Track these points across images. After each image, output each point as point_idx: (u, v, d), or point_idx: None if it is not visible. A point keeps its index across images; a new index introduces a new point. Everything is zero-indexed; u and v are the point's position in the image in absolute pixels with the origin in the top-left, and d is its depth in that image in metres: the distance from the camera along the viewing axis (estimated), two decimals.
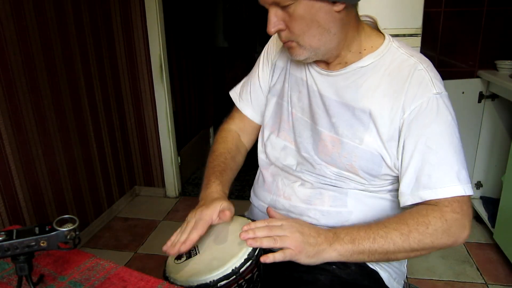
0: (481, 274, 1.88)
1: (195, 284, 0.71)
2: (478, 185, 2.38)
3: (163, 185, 2.76)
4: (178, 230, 0.81)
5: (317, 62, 0.89)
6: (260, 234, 0.73)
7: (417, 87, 0.77)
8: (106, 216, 2.43)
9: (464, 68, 2.33)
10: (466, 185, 0.75)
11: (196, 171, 3.20)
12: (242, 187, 2.84)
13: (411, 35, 1.84)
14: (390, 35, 0.87)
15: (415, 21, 1.83)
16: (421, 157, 0.76)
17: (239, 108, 1.08)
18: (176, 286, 0.71)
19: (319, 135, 0.87)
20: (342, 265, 0.86)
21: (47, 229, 0.67)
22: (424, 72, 0.78)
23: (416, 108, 0.77)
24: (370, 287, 0.86)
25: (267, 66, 1.01)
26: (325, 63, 0.88)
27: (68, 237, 0.67)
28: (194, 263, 0.76)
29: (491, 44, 2.27)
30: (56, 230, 0.67)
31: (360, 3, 0.79)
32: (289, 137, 0.93)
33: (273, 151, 0.96)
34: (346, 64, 0.85)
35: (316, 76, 0.89)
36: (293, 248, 0.72)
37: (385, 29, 0.87)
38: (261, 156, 1.01)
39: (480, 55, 2.29)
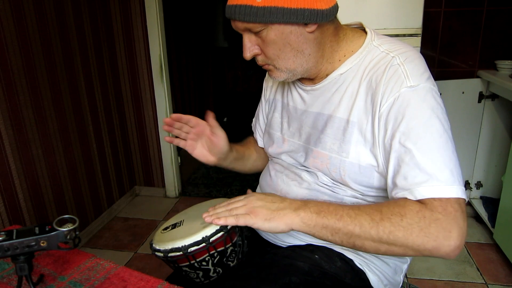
0: (481, 274, 1.88)
1: (169, 247, 0.77)
2: (478, 185, 2.38)
3: (163, 185, 2.76)
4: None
5: (301, 79, 0.89)
6: (219, 210, 0.75)
7: (389, 83, 0.73)
8: (106, 216, 2.43)
9: (464, 68, 2.33)
10: (450, 186, 0.66)
11: (196, 171, 3.20)
12: (242, 187, 2.84)
13: (411, 35, 1.84)
14: (385, 34, 0.85)
15: (415, 21, 1.83)
16: (397, 156, 0.71)
17: (254, 138, 1.17)
18: (176, 286, 0.72)
19: (310, 153, 0.87)
20: (326, 258, 0.84)
21: (47, 229, 0.67)
22: (398, 66, 0.74)
23: (389, 104, 0.72)
24: (351, 285, 0.83)
25: (265, 102, 1.08)
26: (308, 78, 0.88)
27: (68, 237, 0.67)
28: (175, 232, 0.83)
29: (491, 44, 2.27)
30: (56, 230, 0.67)
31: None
32: (282, 161, 0.96)
33: (275, 160, 1.00)
34: (327, 75, 0.84)
35: (303, 94, 0.90)
36: (248, 212, 0.72)
37: (384, 29, 0.87)
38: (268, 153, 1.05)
39: (480, 55, 2.29)
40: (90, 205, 2.27)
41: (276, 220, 0.71)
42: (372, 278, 0.87)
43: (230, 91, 4.46)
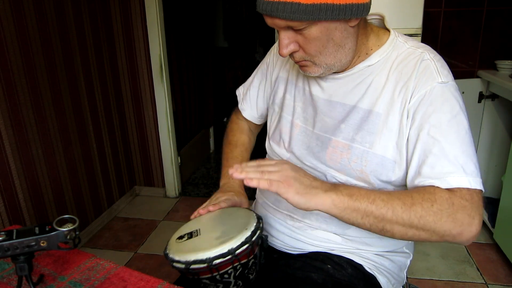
0: (481, 274, 1.88)
1: (192, 259, 0.73)
2: None
3: (163, 185, 2.76)
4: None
5: None
6: (250, 170, 0.70)
7: (421, 76, 0.75)
8: (106, 216, 2.43)
9: (464, 68, 2.33)
10: (474, 178, 0.70)
11: (196, 171, 3.20)
12: None
13: (411, 35, 1.83)
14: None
15: (415, 21, 1.83)
16: (425, 147, 0.73)
17: (240, 109, 1.12)
18: (175, 286, 0.72)
19: (328, 143, 0.84)
20: (337, 266, 0.85)
21: (47, 229, 0.67)
22: (430, 62, 0.76)
23: (420, 97, 0.74)
24: None
25: (269, 77, 1.02)
26: None
27: (68, 237, 0.67)
28: (194, 242, 0.79)
29: (491, 44, 2.27)
30: (56, 230, 0.67)
31: None
32: (290, 148, 0.92)
33: (278, 158, 0.97)
34: (353, 66, 0.83)
35: (321, 82, 0.87)
36: (282, 181, 0.67)
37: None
38: (268, 155, 1.01)
39: (480, 55, 2.29)
40: (90, 205, 2.27)
41: (307, 197, 0.68)
42: (382, 280, 0.88)
43: (230, 91, 4.46)
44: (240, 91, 1.13)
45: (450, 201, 0.68)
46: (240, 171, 0.69)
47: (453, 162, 0.70)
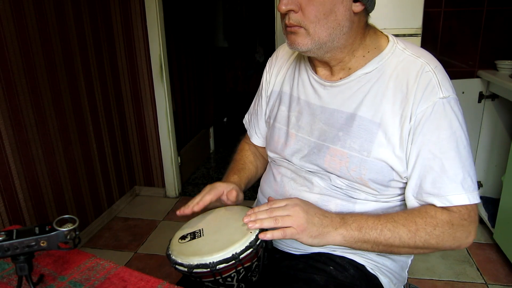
0: (481, 274, 1.88)
1: (195, 263, 0.73)
2: (478, 185, 2.38)
3: (163, 185, 2.76)
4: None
5: (318, 70, 0.87)
6: (262, 216, 0.73)
7: (423, 91, 0.75)
8: (106, 216, 2.43)
9: (464, 68, 2.33)
10: (472, 193, 0.74)
11: (196, 171, 3.20)
12: None
13: (411, 35, 1.84)
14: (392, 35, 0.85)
15: (415, 21, 1.83)
16: (425, 163, 0.75)
17: (249, 135, 1.12)
18: (175, 286, 0.72)
19: (326, 151, 0.84)
20: (340, 267, 0.85)
21: (47, 229, 0.67)
22: (431, 74, 0.75)
23: (421, 112, 0.74)
24: None
25: (265, 96, 1.03)
26: (328, 69, 0.85)
27: (68, 237, 0.67)
28: (197, 244, 0.78)
29: (491, 44, 2.27)
30: (56, 230, 0.67)
31: None
32: (288, 158, 0.92)
33: (279, 162, 0.97)
34: (349, 70, 0.83)
35: (319, 89, 0.87)
36: (295, 227, 0.71)
37: (384, 29, 0.87)
38: (270, 156, 1.01)
39: (480, 55, 2.29)
40: (90, 205, 2.27)
41: (319, 238, 0.73)
42: (384, 281, 0.88)
43: (230, 91, 4.46)
44: (246, 119, 1.14)
45: (450, 223, 0.74)
46: (255, 220, 0.73)
47: (453, 179, 0.74)
